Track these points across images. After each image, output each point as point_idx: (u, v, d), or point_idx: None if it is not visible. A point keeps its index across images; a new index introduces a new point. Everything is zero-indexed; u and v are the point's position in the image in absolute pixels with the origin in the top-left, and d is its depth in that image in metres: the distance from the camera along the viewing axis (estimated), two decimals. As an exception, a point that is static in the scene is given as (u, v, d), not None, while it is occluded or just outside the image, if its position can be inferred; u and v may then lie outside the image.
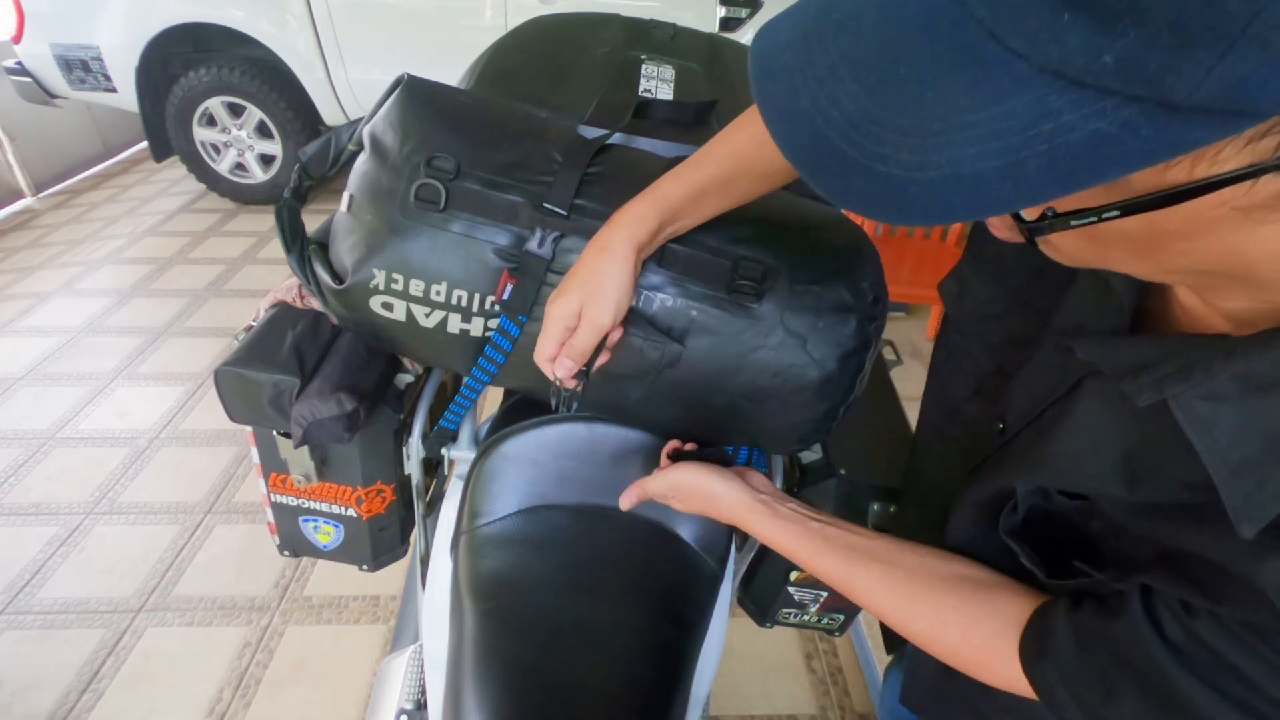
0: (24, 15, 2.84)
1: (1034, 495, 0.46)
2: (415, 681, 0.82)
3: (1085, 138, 0.22)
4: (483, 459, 0.71)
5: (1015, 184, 0.24)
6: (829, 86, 0.27)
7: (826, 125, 0.27)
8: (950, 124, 0.24)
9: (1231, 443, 0.31)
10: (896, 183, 0.26)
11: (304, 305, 0.75)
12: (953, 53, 0.24)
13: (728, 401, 0.62)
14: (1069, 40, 0.21)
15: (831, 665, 1.47)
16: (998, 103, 0.23)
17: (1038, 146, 0.23)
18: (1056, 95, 0.22)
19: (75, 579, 1.55)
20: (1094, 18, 0.20)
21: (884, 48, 0.26)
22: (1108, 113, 0.21)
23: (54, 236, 3.21)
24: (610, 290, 0.53)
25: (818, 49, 0.28)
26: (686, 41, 1.01)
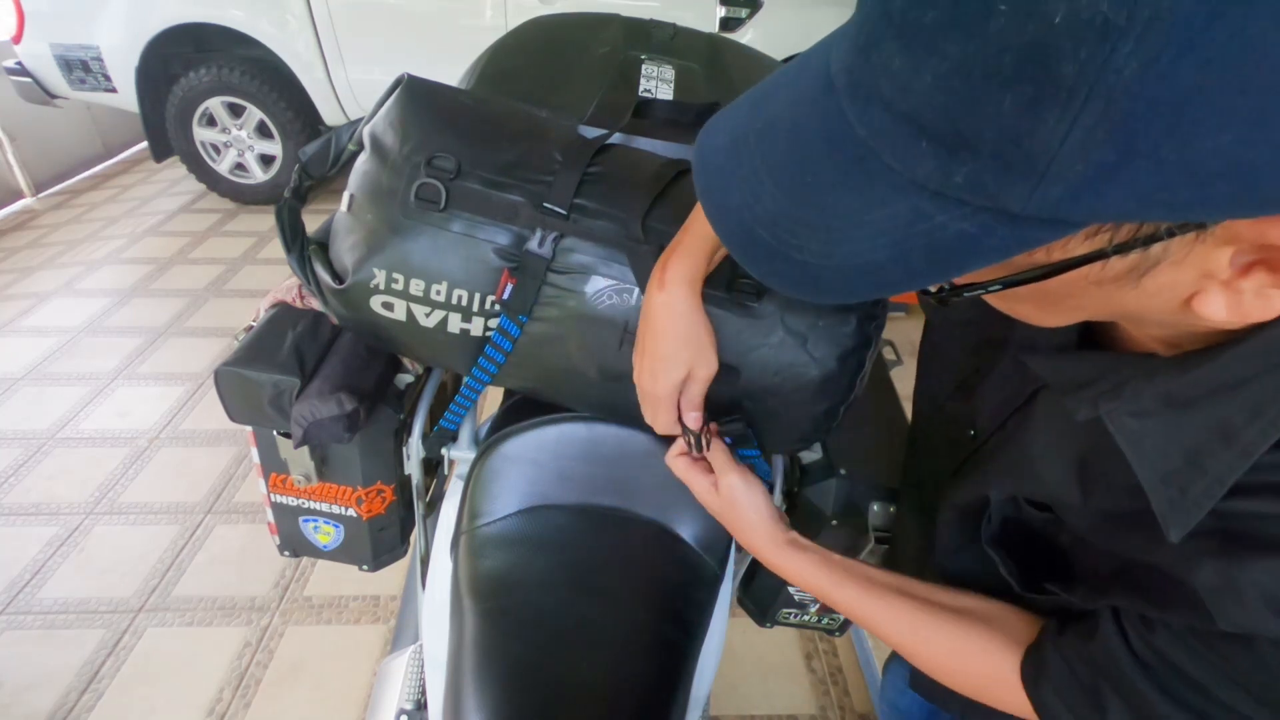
0: (24, 15, 2.84)
1: (1006, 506, 0.49)
2: (415, 681, 0.82)
3: (954, 235, 0.26)
4: (483, 459, 0.71)
5: (905, 270, 0.28)
6: (752, 185, 0.31)
7: (752, 219, 0.31)
8: (848, 222, 0.28)
9: (1158, 454, 0.35)
10: (810, 268, 0.30)
11: (304, 305, 0.75)
12: (845, 164, 0.28)
13: (727, 400, 0.62)
14: (928, 163, 0.25)
15: (831, 665, 1.47)
16: (883, 206, 0.27)
17: (918, 241, 0.27)
18: (926, 202, 0.26)
19: (75, 579, 1.55)
20: (942, 146, 0.24)
21: (793, 156, 0.30)
22: (968, 216, 0.25)
23: (54, 236, 3.21)
24: (708, 347, 0.56)
25: (744, 153, 0.32)
26: (686, 41, 1.01)
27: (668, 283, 0.54)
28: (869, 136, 0.27)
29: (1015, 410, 0.51)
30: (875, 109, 0.26)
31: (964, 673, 0.50)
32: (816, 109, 0.29)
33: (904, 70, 0.24)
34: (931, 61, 0.23)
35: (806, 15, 2.97)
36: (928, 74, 0.24)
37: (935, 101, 0.24)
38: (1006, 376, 0.53)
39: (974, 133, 0.23)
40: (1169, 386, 0.35)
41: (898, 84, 0.25)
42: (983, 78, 0.22)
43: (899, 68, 0.25)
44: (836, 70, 0.29)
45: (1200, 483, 0.33)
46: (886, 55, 0.25)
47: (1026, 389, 0.50)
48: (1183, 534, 0.34)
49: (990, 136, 0.23)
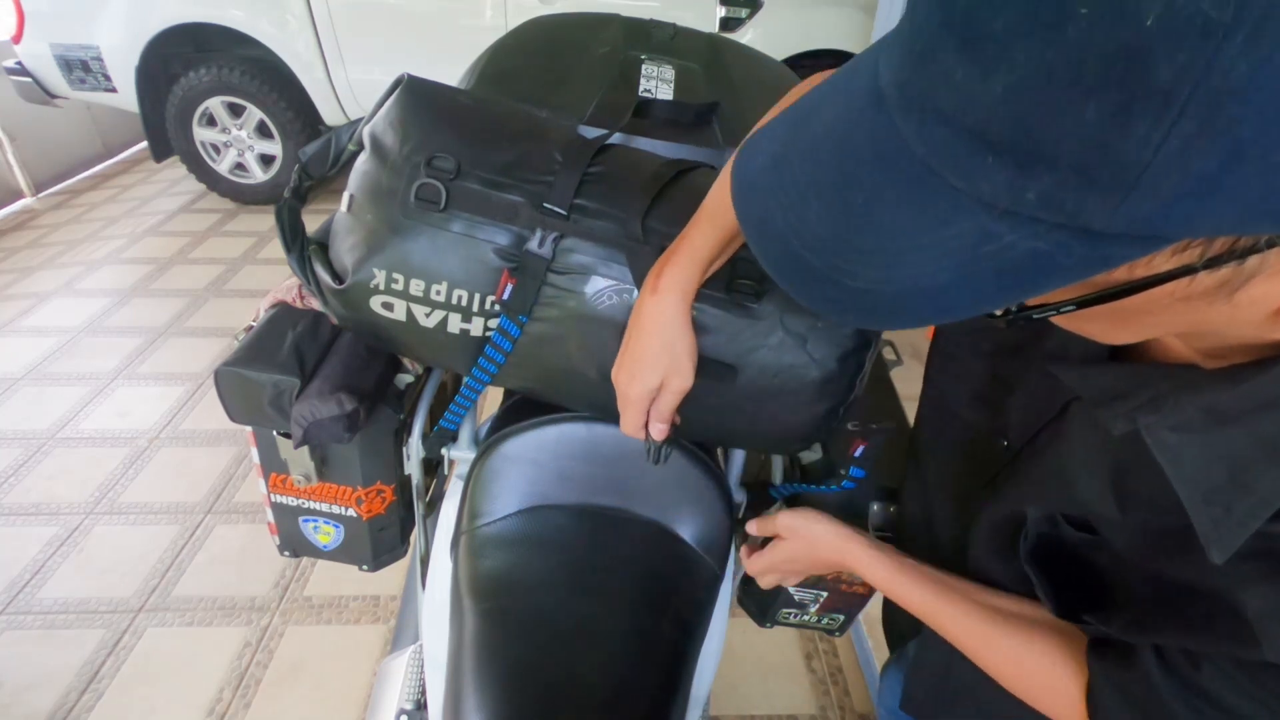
0: (24, 15, 2.84)
1: (1043, 523, 0.48)
2: (415, 681, 0.82)
3: (1026, 254, 0.24)
4: (483, 459, 0.71)
5: (973, 293, 0.26)
6: (798, 209, 0.30)
7: (799, 244, 0.29)
8: (907, 244, 0.26)
9: (1200, 471, 0.33)
10: (865, 295, 0.28)
11: (304, 305, 0.75)
12: (901, 183, 0.26)
13: (727, 401, 0.62)
14: (995, 179, 0.23)
15: (831, 665, 1.47)
16: (946, 226, 0.25)
17: (986, 263, 0.25)
18: (994, 221, 0.24)
19: (75, 579, 1.55)
20: (1012, 161, 0.23)
21: (842, 175, 0.28)
22: (1041, 235, 0.24)
23: (54, 236, 3.21)
24: (686, 359, 0.56)
25: (787, 174, 0.30)
26: (686, 42, 1.01)
27: (660, 289, 0.54)
28: (927, 153, 0.25)
29: (1047, 423, 0.50)
30: (934, 123, 0.25)
31: (1026, 682, 0.50)
32: (865, 125, 0.28)
33: (968, 81, 0.23)
34: (1001, 71, 0.22)
35: (806, 15, 2.97)
36: (997, 84, 0.22)
37: (1005, 113, 0.22)
38: (1036, 388, 0.51)
39: (1051, 145, 0.22)
40: (1214, 400, 0.33)
41: (961, 96, 0.23)
42: (1061, 87, 0.21)
43: (962, 78, 0.23)
44: (887, 83, 0.27)
45: (1246, 501, 0.32)
46: (947, 65, 0.23)
47: (1058, 401, 0.48)
48: (1227, 555, 0.32)
49: (1070, 148, 0.21)
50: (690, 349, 0.56)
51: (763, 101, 0.91)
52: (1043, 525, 0.48)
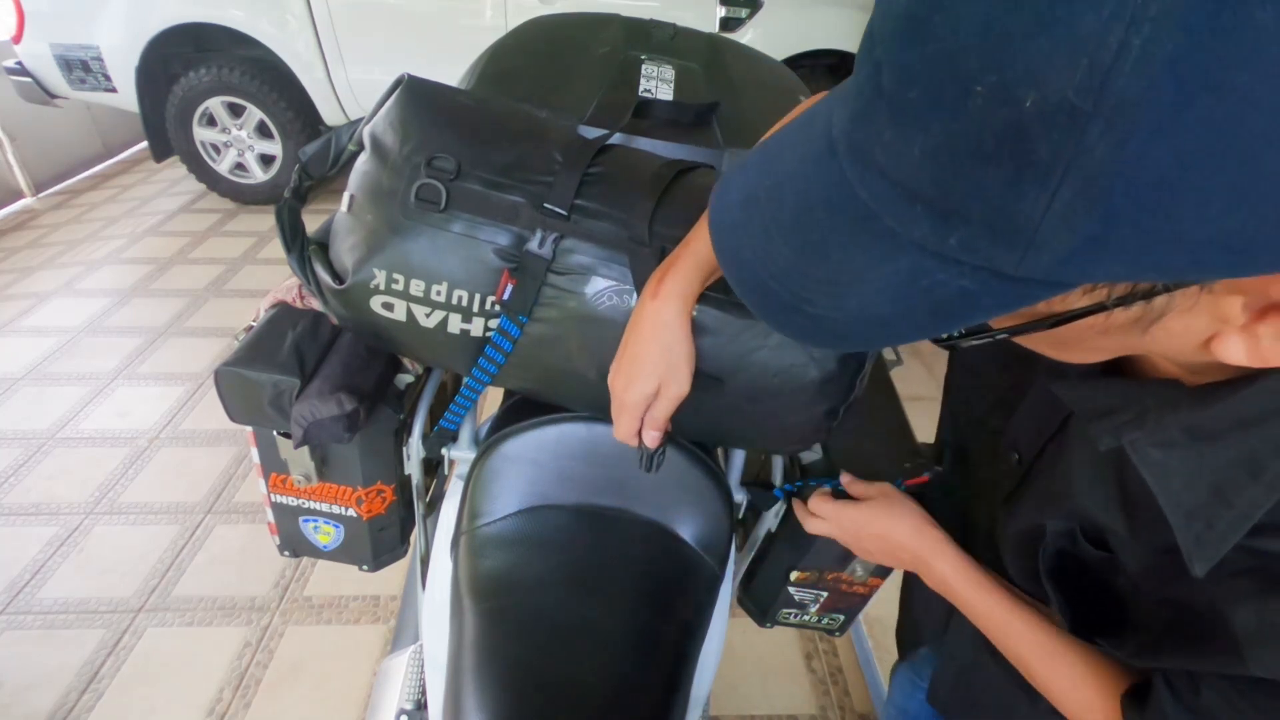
0: (24, 15, 2.84)
1: (1063, 538, 0.48)
2: (415, 681, 0.82)
3: (955, 291, 0.27)
4: (483, 459, 0.71)
5: (910, 323, 0.29)
6: (763, 244, 0.32)
7: (765, 274, 0.32)
8: (854, 278, 0.29)
9: (1184, 486, 0.35)
10: (823, 321, 0.31)
11: (304, 305, 0.75)
12: (849, 224, 0.29)
13: (727, 402, 0.62)
14: (923, 226, 0.26)
15: (831, 665, 1.47)
16: (885, 262, 0.28)
17: (921, 297, 0.28)
18: (926, 260, 0.27)
19: (75, 579, 1.55)
20: (935, 212, 0.25)
21: (800, 217, 0.31)
22: (966, 274, 0.26)
23: (54, 236, 3.21)
24: (684, 364, 0.55)
25: (754, 212, 0.33)
26: (686, 42, 1.01)
27: (661, 294, 0.54)
28: (870, 200, 0.27)
29: (1051, 437, 0.51)
30: (873, 175, 0.27)
31: (1079, 705, 0.50)
32: (821, 170, 0.30)
33: (895, 142, 0.25)
34: (919, 137, 0.24)
35: (806, 15, 2.97)
36: (915, 148, 0.24)
37: (925, 173, 0.24)
38: (1038, 402, 0.52)
39: (962, 203, 0.24)
40: (1192, 419, 0.34)
41: (890, 154, 0.26)
42: (966, 154, 0.23)
43: (890, 139, 0.25)
44: (838, 134, 0.29)
45: (1226, 516, 0.33)
46: (879, 126, 0.26)
47: (1058, 415, 0.50)
48: (1208, 568, 0.34)
49: (978, 207, 0.24)
50: (689, 356, 0.55)
51: (763, 101, 0.92)
52: (1063, 541, 0.48)
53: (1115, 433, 0.38)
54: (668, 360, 0.55)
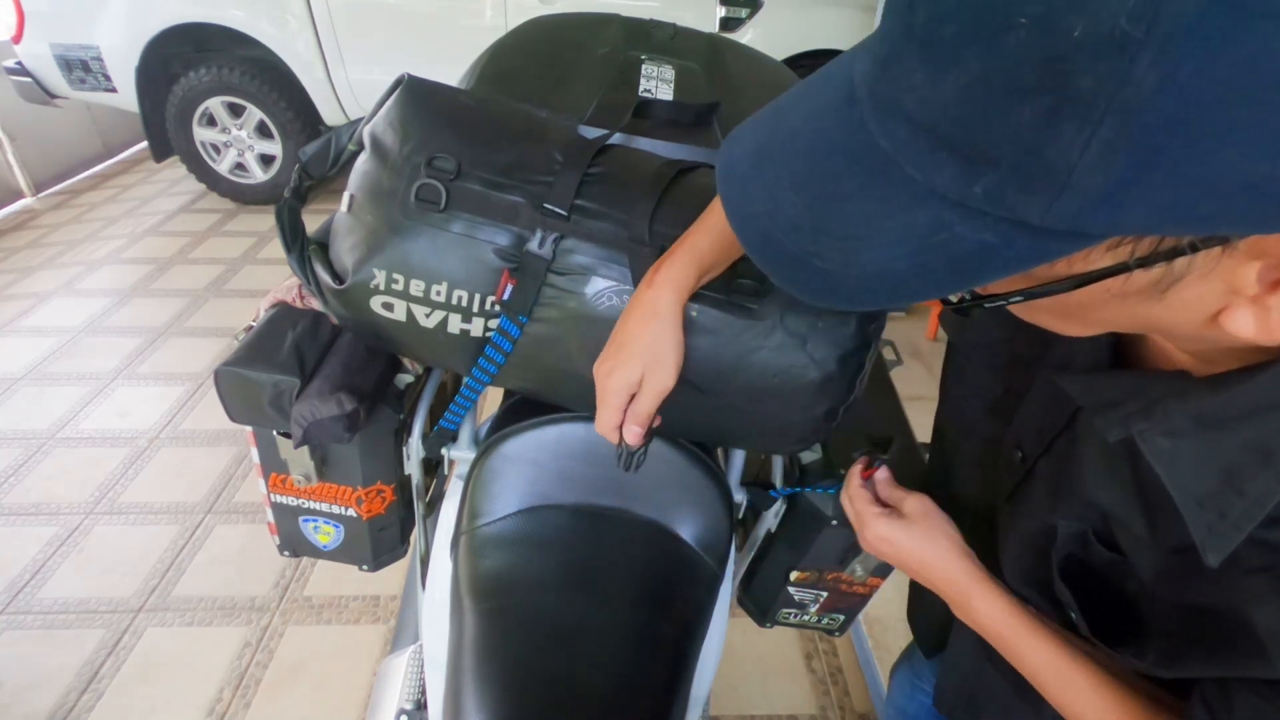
0: (24, 15, 2.84)
1: (1073, 541, 0.47)
2: (415, 681, 0.82)
3: (974, 245, 0.26)
4: (483, 459, 0.71)
5: (924, 280, 0.28)
6: (774, 194, 0.32)
7: (773, 225, 0.32)
8: (868, 230, 0.29)
9: (1192, 475, 0.34)
10: (830, 276, 0.30)
11: (304, 305, 0.75)
12: (866, 174, 0.28)
13: (727, 402, 0.62)
14: (946, 174, 0.25)
15: (831, 665, 1.47)
16: (903, 214, 0.27)
17: (938, 251, 0.27)
18: (946, 212, 0.26)
19: (75, 579, 1.55)
20: (960, 158, 0.25)
21: (814, 166, 0.31)
22: (988, 227, 0.26)
23: (54, 236, 3.21)
24: (670, 355, 0.54)
25: (766, 162, 0.33)
26: (686, 42, 1.01)
27: (655, 283, 0.53)
28: (891, 148, 0.27)
29: (1059, 433, 0.50)
30: (897, 121, 0.27)
31: None
32: (839, 120, 0.30)
33: (925, 83, 0.25)
34: (952, 74, 0.24)
35: (806, 15, 2.97)
36: (948, 86, 0.24)
37: (955, 113, 0.24)
38: (1042, 397, 0.52)
39: (993, 144, 0.23)
40: (1202, 406, 0.34)
41: (919, 96, 0.25)
42: (1002, 90, 0.22)
43: (920, 80, 0.25)
44: (859, 82, 0.29)
45: (1239, 505, 0.33)
46: (908, 68, 0.25)
47: (1065, 410, 0.49)
48: (1221, 558, 0.33)
49: (1009, 148, 0.23)
50: (677, 348, 0.54)
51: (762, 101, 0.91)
52: (1073, 544, 0.47)
53: (1123, 424, 0.37)
54: (654, 349, 0.54)
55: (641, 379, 0.54)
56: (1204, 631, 0.38)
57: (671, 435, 0.71)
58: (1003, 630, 0.51)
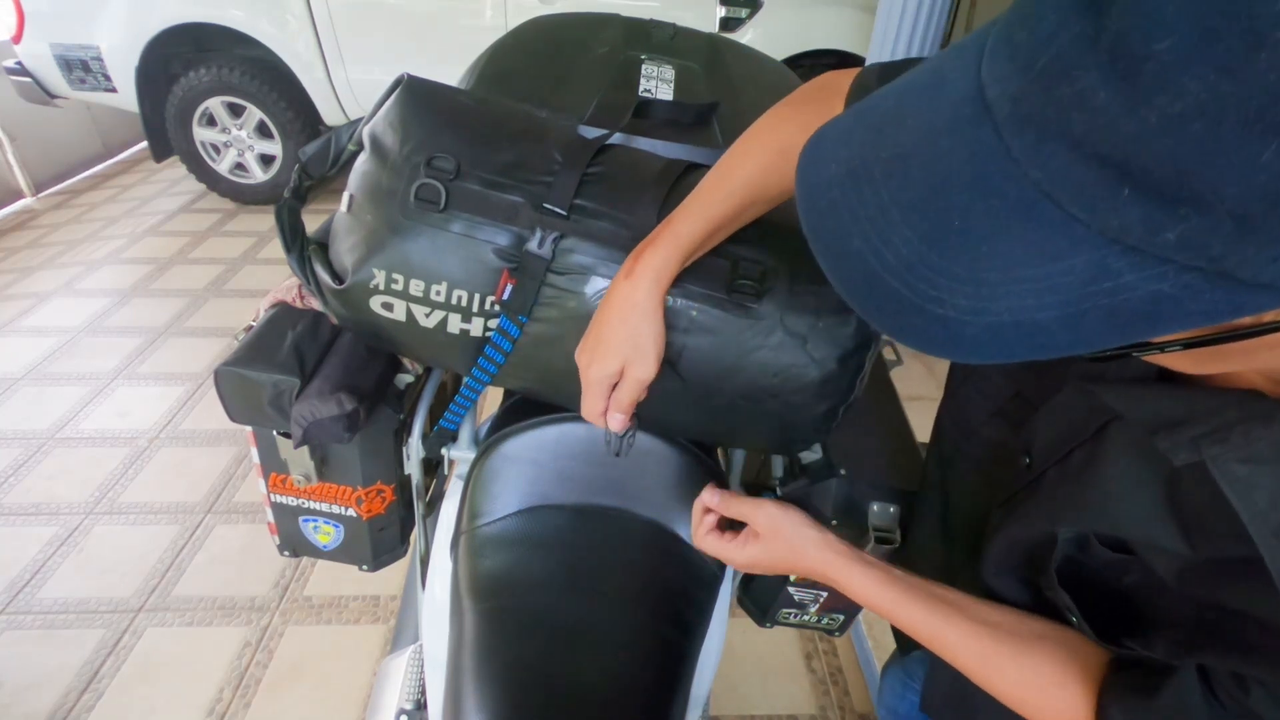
0: (24, 15, 2.84)
1: (1072, 544, 0.46)
2: (415, 681, 0.82)
3: (1145, 296, 0.22)
4: (483, 459, 0.71)
5: (1075, 333, 0.24)
6: (880, 227, 0.27)
7: (879, 265, 0.27)
8: (1007, 276, 0.24)
9: (1272, 505, 0.32)
10: (953, 324, 0.26)
11: (304, 305, 0.75)
12: (1007, 209, 0.24)
13: (727, 401, 0.62)
14: (1130, 214, 0.21)
15: (831, 665, 1.47)
16: (1056, 260, 0.23)
17: (1098, 301, 0.23)
18: (1116, 258, 0.22)
19: (75, 579, 1.55)
20: (1155, 197, 0.20)
21: (935, 196, 0.26)
22: (1169, 276, 0.22)
23: (54, 236, 3.21)
24: (650, 346, 0.54)
25: (866, 188, 0.27)
26: (686, 41, 1.01)
27: (635, 273, 0.53)
28: (1044, 179, 0.23)
29: (1081, 444, 0.47)
30: (1056, 146, 0.22)
31: (1034, 705, 0.47)
32: (965, 140, 0.25)
33: (1112, 106, 0.20)
34: (1160, 99, 0.19)
35: (807, 15, 2.97)
36: (1152, 113, 0.19)
37: (1158, 146, 0.20)
38: (1068, 406, 0.49)
39: (1210, 187, 0.19)
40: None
41: (1100, 121, 0.21)
42: (1238, 123, 0.18)
43: (1104, 102, 0.20)
44: (996, 96, 0.24)
45: None
46: (1084, 86, 0.21)
47: (1094, 421, 0.46)
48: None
49: (1233, 193, 0.19)
50: (656, 338, 0.54)
51: (762, 101, 0.91)
52: (1070, 548, 0.46)
53: (1193, 446, 0.34)
54: (634, 341, 0.54)
55: (622, 369, 0.54)
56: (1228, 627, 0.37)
57: (671, 435, 0.71)
58: (880, 602, 0.52)
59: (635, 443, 0.69)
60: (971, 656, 0.49)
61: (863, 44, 2.66)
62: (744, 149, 0.53)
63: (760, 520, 0.58)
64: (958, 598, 0.52)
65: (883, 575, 0.53)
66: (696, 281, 0.58)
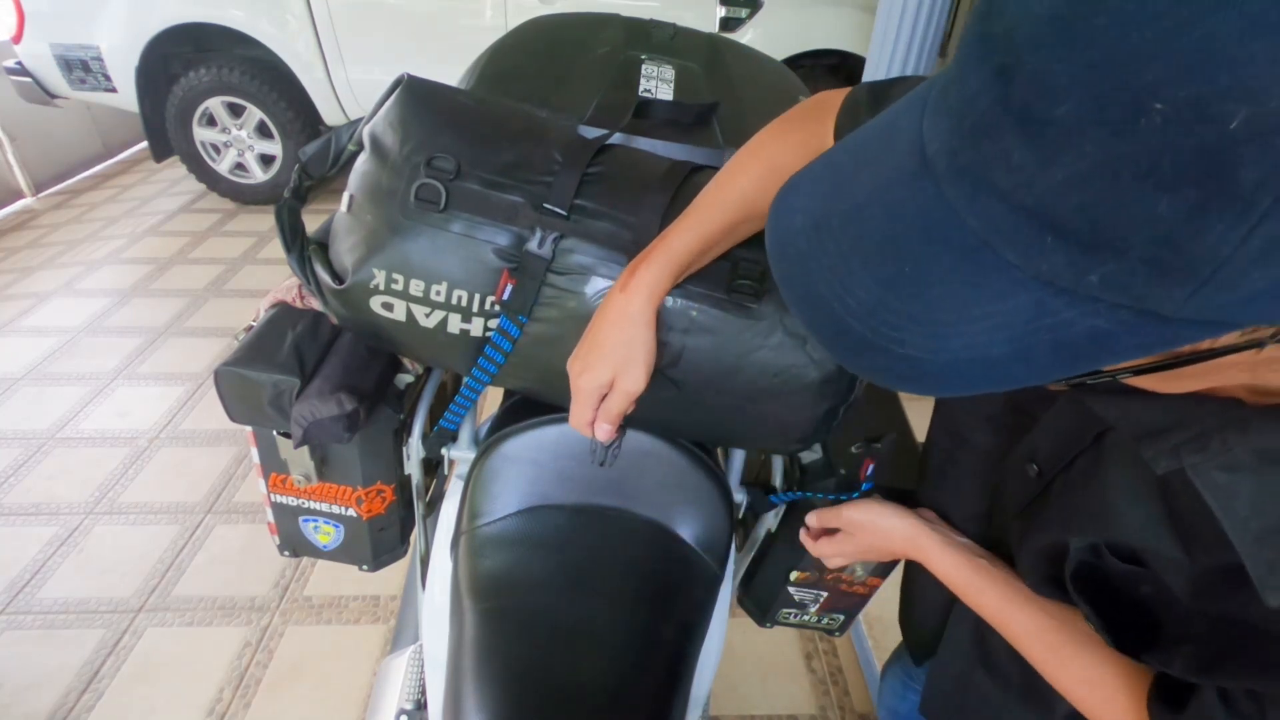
0: (24, 15, 2.84)
1: (1086, 552, 0.46)
2: (415, 681, 0.82)
3: (1085, 331, 0.23)
4: (483, 459, 0.71)
5: (1027, 365, 0.25)
6: (842, 275, 0.28)
7: (844, 310, 0.28)
8: (959, 316, 0.26)
9: (1253, 511, 0.32)
10: (915, 362, 0.27)
11: (304, 305, 0.75)
12: (953, 255, 0.25)
13: (727, 402, 0.62)
14: (1055, 260, 0.22)
15: (831, 665, 1.47)
16: (1000, 300, 0.24)
17: (1042, 336, 0.24)
18: (1051, 298, 0.23)
19: (75, 579, 1.55)
20: (1075, 244, 0.22)
21: (888, 244, 0.27)
22: (1101, 313, 0.23)
23: (54, 236, 3.21)
24: (641, 359, 0.55)
25: (828, 238, 0.29)
26: (686, 41, 1.01)
27: (630, 287, 0.54)
28: (981, 228, 0.24)
29: (1082, 452, 0.48)
30: (988, 199, 0.23)
31: (1090, 702, 0.48)
32: (912, 193, 0.26)
33: (1028, 164, 0.22)
34: (1065, 158, 0.21)
35: (807, 15, 2.97)
36: (1059, 171, 0.21)
37: (1070, 200, 0.21)
38: (1066, 415, 0.50)
39: (1118, 235, 0.21)
40: (1265, 441, 0.32)
41: (1019, 178, 0.22)
42: (1133, 179, 0.20)
43: (1020, 161, 0.22)
44: (935, 151, 0.26)
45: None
46: (1004, 146, 0.22)
47: (1090, 430, 0.47)
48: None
49: (1140, 240, 0.20)
50: (648, 352, 0.55)
51: (762, 101, 0.91)
52: (1085, 554, 0.46)
53: (1174, 454, 0.35)
54: (625, 353, 0.54)
55: (612, 381, 0.55)
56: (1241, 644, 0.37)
57: (671, 435, 0.71)
58: (958, 581, 0.56)
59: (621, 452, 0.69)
60: (1041, 647, 0.51)
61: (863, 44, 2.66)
62: (738, 166, 0.54)
63: (845, 520, 0.64)
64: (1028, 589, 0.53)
65: (964, 558, 0.56)
66: (696, 282, 0.58)
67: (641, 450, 0.71)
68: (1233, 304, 0.21)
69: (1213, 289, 0.20)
